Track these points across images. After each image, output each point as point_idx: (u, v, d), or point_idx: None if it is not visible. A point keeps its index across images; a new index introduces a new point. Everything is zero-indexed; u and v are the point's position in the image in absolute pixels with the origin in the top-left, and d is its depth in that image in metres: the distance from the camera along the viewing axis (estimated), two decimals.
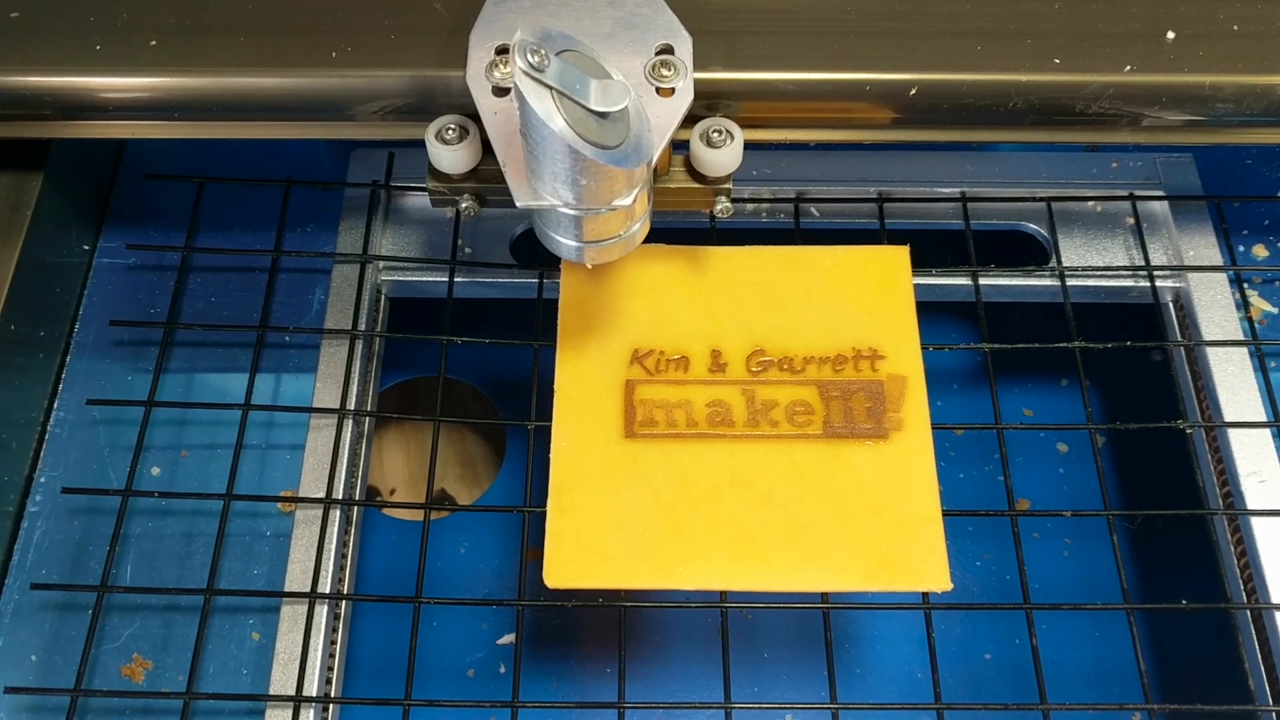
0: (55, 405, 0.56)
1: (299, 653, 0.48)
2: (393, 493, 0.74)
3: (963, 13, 0.50)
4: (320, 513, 0.52)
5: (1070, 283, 0.57)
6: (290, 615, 0.50)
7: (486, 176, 0.48)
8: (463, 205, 0.49)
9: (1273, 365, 0.56)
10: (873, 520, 0.46)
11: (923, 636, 0.49)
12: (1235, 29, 0.49)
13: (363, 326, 0.56)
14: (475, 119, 0.46)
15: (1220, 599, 0.50)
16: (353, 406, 0.54)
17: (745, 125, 0.48)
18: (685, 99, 0.44)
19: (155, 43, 0.49)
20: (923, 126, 0.50)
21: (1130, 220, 0.60)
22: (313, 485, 0.52)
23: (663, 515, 0.46)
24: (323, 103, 0.49)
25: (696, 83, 0.45)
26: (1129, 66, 0.48)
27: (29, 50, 0.49)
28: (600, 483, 0.46)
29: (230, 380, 0.57)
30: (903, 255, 0.52)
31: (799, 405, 0.48)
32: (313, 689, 0.48)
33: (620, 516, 0.46)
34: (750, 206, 0.60)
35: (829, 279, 0.51)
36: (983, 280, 0.57)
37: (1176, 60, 0.49)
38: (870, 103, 0.49)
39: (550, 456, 0.47)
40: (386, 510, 0.69)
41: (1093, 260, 0.59)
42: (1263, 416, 0.53)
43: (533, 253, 0.59)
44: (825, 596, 0.49)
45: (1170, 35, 0.49)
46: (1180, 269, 0.58)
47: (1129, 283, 0.58)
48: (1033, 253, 0.62)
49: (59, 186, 0.57)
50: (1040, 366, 0.71)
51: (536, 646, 0.63)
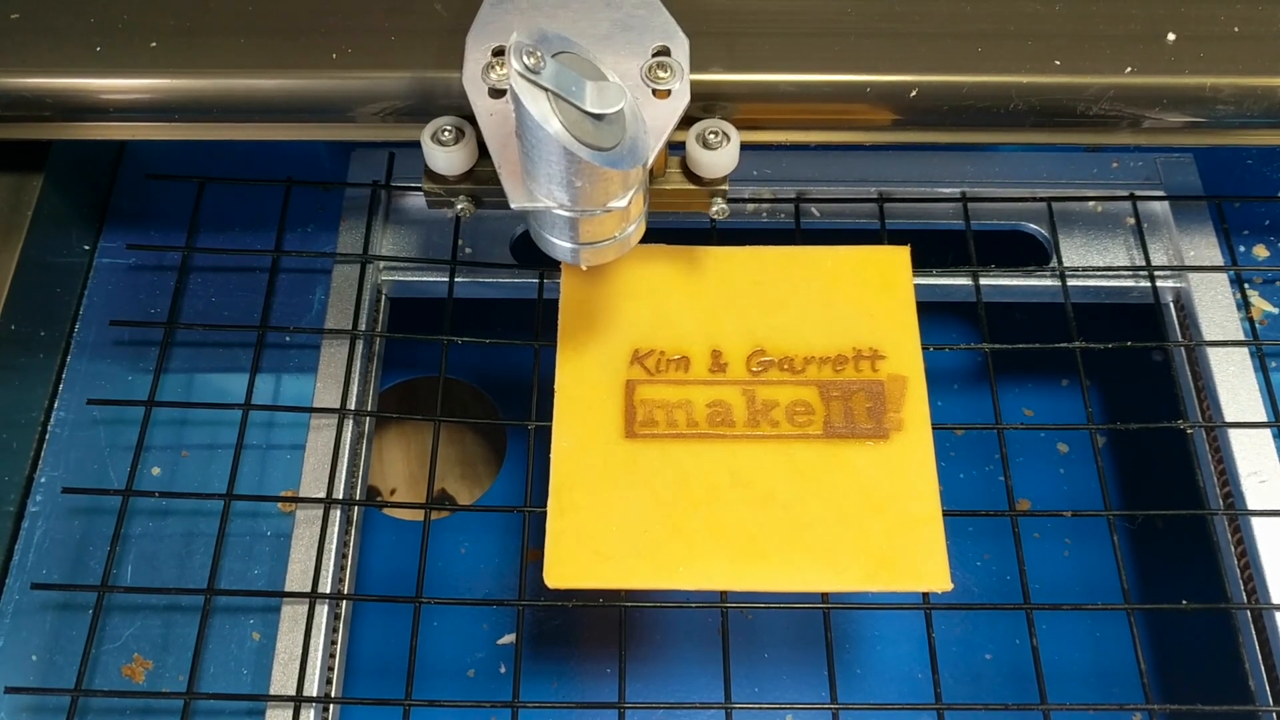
0: (56, 405, 0.56)
1: (299, 653, 0.49)
2: (393, 493, 0.74)
3: (963, 14, 0.50)
4: (320, 513, 0.52)
5: (1071, 283, 0.57)
6: (290, 615, 0.50)
7: (483, 178, 0.48)
8: (458, 207, 0.48)
9: (1273, 365, 0.56)
10: (873, 520, 0.46)
11: (923, 636, 0.49)
12: (1236, 30, 0.49)
13: (363, 326, 0.56)
14: (473, 120, 0.46)
15: (1220, 599, 0.50)
16: (353, 406, 0.54)
17: (745, 127, 0.48)
18: (681, 101, 0.44)
19: (155, 44, 0.49)
20: (923, 128, 0.50)
21: (1131, 220, 0.60)
22: (313, 485, 0.52)
23: (663, 515, 0.46)
24: (323, 104, 0.49)
25: (693, 84, 0.45)
26: (1130, 68, 0.48)
27: (29, 51, 0.49)
28: (600, 483, 0.46)
29: (230, 380, 0.57)
30: (903, 255, 0.52)
31: (799, 405, 0.48)
32: (313, 689, 0.48)
33: (620, 516, 0.46)
34: (750, 206, 0.60)
35: (829, 279, 0.51)
36: (983, 280, 0.57)
37: (1177, 62, 0.49)
38: (870, 104, 0.49)
39: (550, 456, 0.47)
40: (387, 510, 0.69)
41: (1093, 260, 0.59)
42: (1263, 416, 0.53)
43: (533, 253, 0.59)
44: (825, 596, 0.49)
45: (1171, 37, 0.49)
46: (1181, 269, 0.58)
47: (1129, 283, 0.58)
48: (1033, 253, 0.61)
49: (59, 187, 0.57)
50: (1040, 366, 0.71)
51: (537, 646, 0.63)
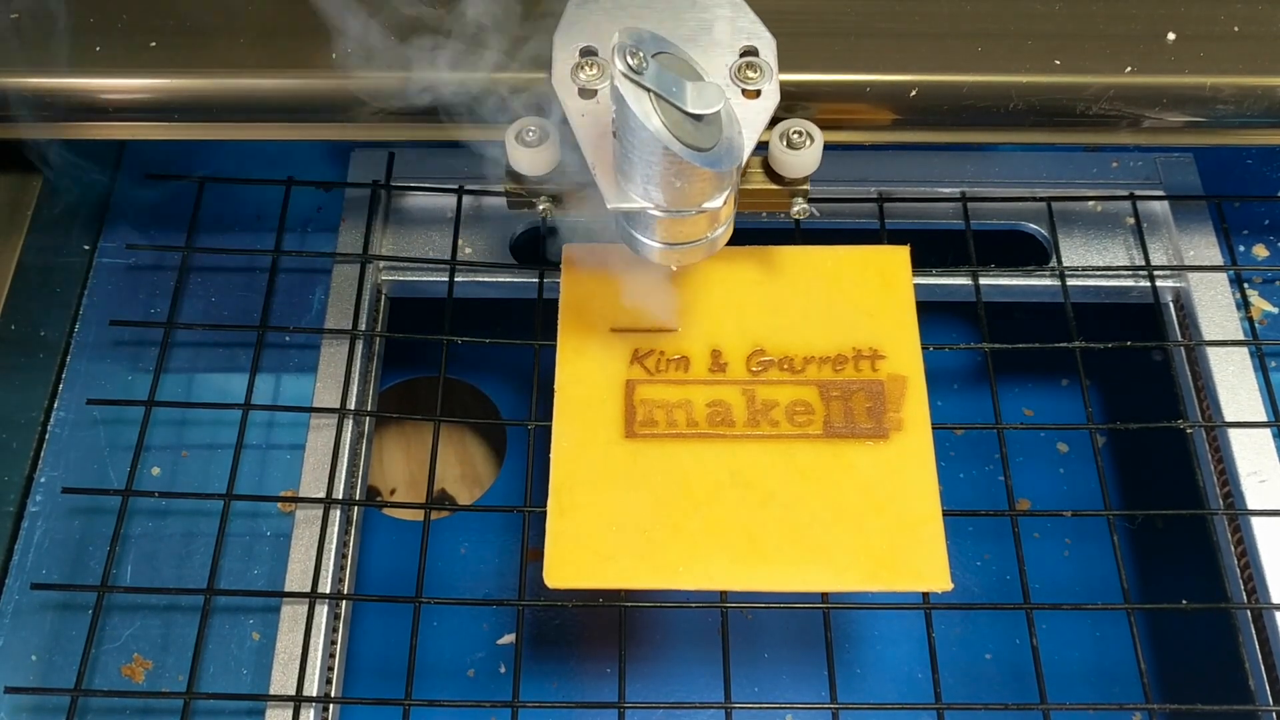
0: (55, 405, 0.56)
1: (299, 653, 0.49)
2: (393, 493, 0.74)
3: (963, 14, 0.50)
4: (320, 513, 0.52)
5: (1070, 283, 0.57)
6: (290, 615, 0.50)
7: (564, 178, 0.47)
8: (540, 207, 0.48)
9: (1273, 365, 0.56)
10: (873, 520, 0.46)
11: (923, 636, 0.49)
12: (1236, 30, 0.49)
13: (363, 326, 0.56)
14: (553, 121, 0.46)
15: (1220, 599, 0.50)
16: (353, 406, 0.54)
17: None
18: (771, 100, 0.44)
19: (155, 44, 0.49)
20: (923, 128, 0.50)
21: (1130, 220, 0.60)
22: (313, 485, 0.52)
23: (663, 515, 0.46)
24: (323, 104, 0.49)
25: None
26: (1129, 68, 0.48)
27: (29, 52, 0.49)
28: (600, 483, 0.46)
29: (230, 380, 0.57)
30: (903, 255, 0.52)
31: (799, 405, 0.48)
32: (313, 689, 0.48)
33: (620, 516, 0.46)
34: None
35: (829, 279, 0.51)
36: (983, 280, 0.57)
37: (1177, 61, 0.49)
38: (871, 104, 0.49)
39: (550, 456, 0.47)
40: (386, 510, 0.69)
41: (1093, 260, 0.59)
42: (1263, 416, 0.53)
43: (533, 253, 0.59)
44: (825, 596, 0.49)
45: (1171, 36, 0.49)
46: (1180, 269, 0.58)
47: (1129, 283, 0.58)
48: (1033, 253, 0.61)
49: (59, 187, 0.57)
50: (1040, 366, 0.71)
51: (537, 646, 0.63)
